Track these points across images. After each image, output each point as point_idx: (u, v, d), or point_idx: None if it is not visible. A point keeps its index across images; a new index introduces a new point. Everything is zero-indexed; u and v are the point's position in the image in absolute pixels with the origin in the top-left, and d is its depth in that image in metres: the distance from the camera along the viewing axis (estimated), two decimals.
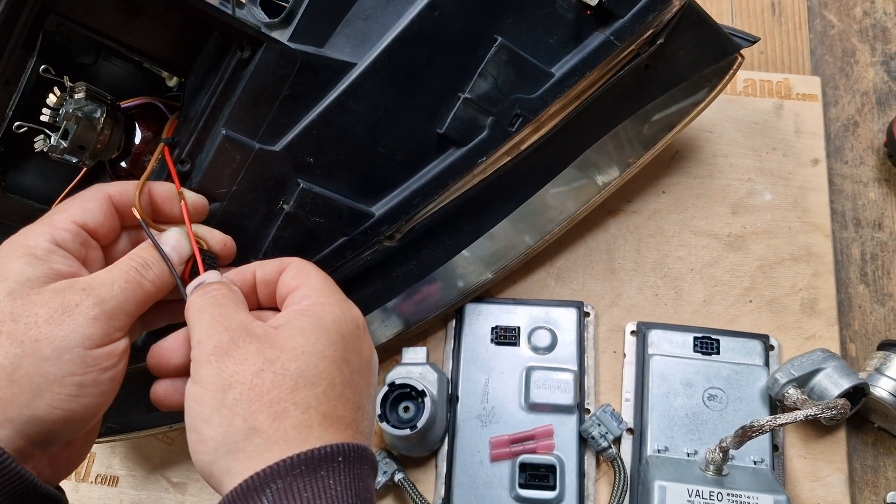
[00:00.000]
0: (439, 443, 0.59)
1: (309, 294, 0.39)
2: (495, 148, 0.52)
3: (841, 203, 0.69)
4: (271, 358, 0.35)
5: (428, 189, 0.52)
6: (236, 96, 0.46)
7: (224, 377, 0.34)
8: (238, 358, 0.34)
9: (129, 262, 0.39)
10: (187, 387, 0.35)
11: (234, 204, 0.48)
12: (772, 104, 0.71)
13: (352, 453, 0.34)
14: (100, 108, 0.46)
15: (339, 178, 0.50)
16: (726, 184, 0.68)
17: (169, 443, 0.62)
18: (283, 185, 0.49)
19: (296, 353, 0.35)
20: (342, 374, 0.36)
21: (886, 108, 0.72)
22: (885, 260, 0.66)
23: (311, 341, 0.36)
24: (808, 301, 0.64)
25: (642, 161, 0.61)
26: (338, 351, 0.36)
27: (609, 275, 0.65)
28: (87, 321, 0.35)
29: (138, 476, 0.61)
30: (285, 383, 0.34)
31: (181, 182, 0.45)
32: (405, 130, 0.50)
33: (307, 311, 0.37)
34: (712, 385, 0.59)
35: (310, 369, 0.35)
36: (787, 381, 0.57)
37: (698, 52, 0.57)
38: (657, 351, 0.61)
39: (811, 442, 0.60)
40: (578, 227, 0.67)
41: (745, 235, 0.66)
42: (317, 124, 0.48)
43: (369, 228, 0.51)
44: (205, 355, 0.35)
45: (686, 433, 0.58)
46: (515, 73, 0.50)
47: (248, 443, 0.33)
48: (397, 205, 0.52)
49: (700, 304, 0.64)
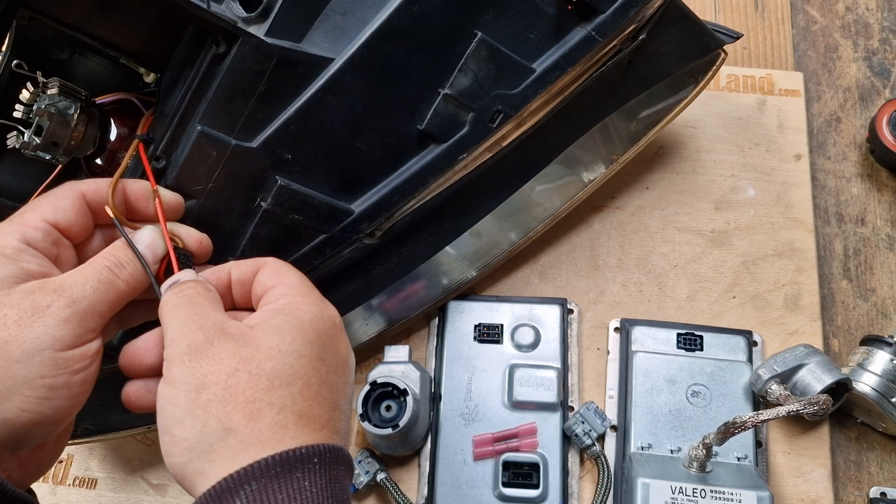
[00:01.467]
0: (422, 442, 0.59)
1: (285, 293, 0.38)
2: (476, 144, 0.51)
3: (824, 198, 0.69)
4: (247, 357, 0.34)
5: (408, 186, 0.51)
6: (212, 92, 0.45)
7: (198, 377, 0.33)
8: (212, 357, 0.34)
9: (102, 262, 0.38)
10: (160, 387, 0.35)
11: (210, 201, 0.47)
12: (755, 100, 0.71)
13: (327, 454, 0.33)
14: (74, 104, 0.45)
15: (318, 175, 0.49)
16: (710, 180, 0.68)
17: (149, 444, 0.61)
18: (261, 182, 0.48)
19: (272, 352, 0.34)
20: (318, 374, 0.35)
21: (869, 103, 0.72)
22: (867, 255, 0.66)
23: (288, 340, 0.35)
24: (791, 297, 0.64)
25: (626, 158, 0.61)
26: (314, 350, 0.36)
27: (593, 271, 0.65)
28: (57, 323, 0.35)
29: (117, 478, 0.60)
30: (261, 383, 0.33)
31: (156, 179, 0.45)
32: (384, 126, 0.50)
33: (283, 310, 0.37)
34: (696, 381, 0.59)
35: (286, 368, 0.34)
36: (770, 377, 0.56)
37: (681, 47, 0.57)
38: (641, 347, 0.61)
39: (795, 438, 0.60)
40: (562, 223, 0.66)
41: (729, 231, 0.66)
42: (294, 120, 0.47)
43: (349, 226, 0.51)
44: (178, 354, 0.34)
45: (669, 430, 0.58)
46: (496, 68, 0.50)
47: (222, 444, 0.32)
48: (377, 202, 0.51)
49: (684, 301, 0.64)
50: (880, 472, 0.60)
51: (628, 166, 0.68)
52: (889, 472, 0.60)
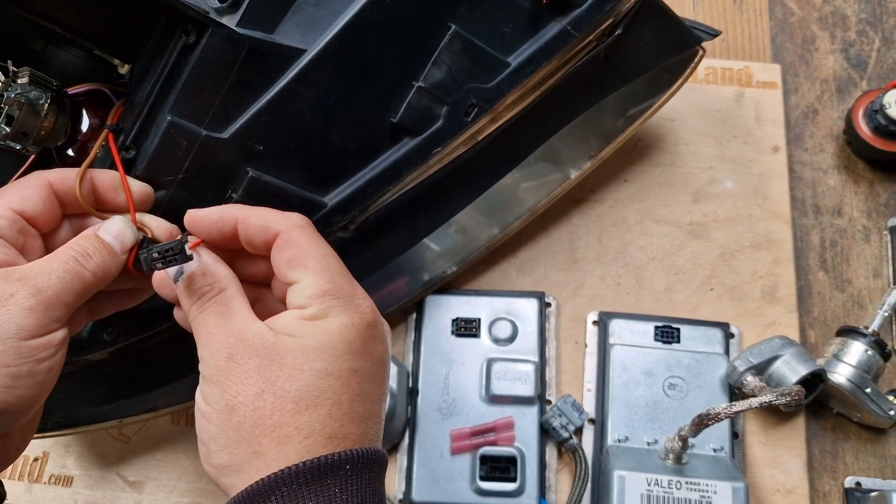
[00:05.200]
0: (399, 436, 0.59)
1: (313, 295, 0.36)
2: (450, 138, 0.51)
3: (801, 190, 0.69)
4: (271, 377, 0.34)
5: (382, 179, 0.50)
6: (182, 82, 0.44)
7: (227, 397, 0.34)
8: (239, 377, 0.34)
9: (69, 252, 0.38)
10: (197, 398, 0.36)
11: (181, 192, 0.46)
12: (733, 92, 0.71)
13: (360, 460, 0.33)
14: (44, 93, 0.44)
15: (290, 167, 0.49)
16: (688, 172, 0.68)
17: (125, 441, 0.61)
18: (232, 173, 0.47)
19: (296, 372, 0.34)
20: (349, 389, 0.34)
21: (846, 95, 0.72)
22: (843, 247, 0.67)
23: (312, 358, 0.34)
24: (768, 288, 0.64)
25: (604, 154, 0.61)
26: (343, 364, 0.35)
27: (571, 265, 0.65)
28: (21, 311, 0.34)
29: (94, 475, 0.60)
30: (286, 406, 0.33)
31: (126, 170, 0.44)
32: (357, 119, 0.49)
33: (310, 324, 0.35)
34: (673, 374, 0.59)
35: (311, 389, 0.34)
36: (746, 369, 0.57)
37: (658, 43, 0.56)
38: (618, 340, 0.61)
39: (771, 429, 0.60)
40: (540, 217, 0.66)
41: (707, 223, 0.66)
42: (266, 111, 0.46)
43: (322, 219, 0.50)
44: (209, 374, 0.35)
45: (646, 422, 0.58)
46: (470, 61, 0.49)
47: (251, 465, 0.33)
48: (350, 195, 0.50)
49: (661, 293, 0.64)
50: (855, 461, 0.60)
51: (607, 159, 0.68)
52: (864, 461, 0.60)
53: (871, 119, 0.67)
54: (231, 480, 0.33)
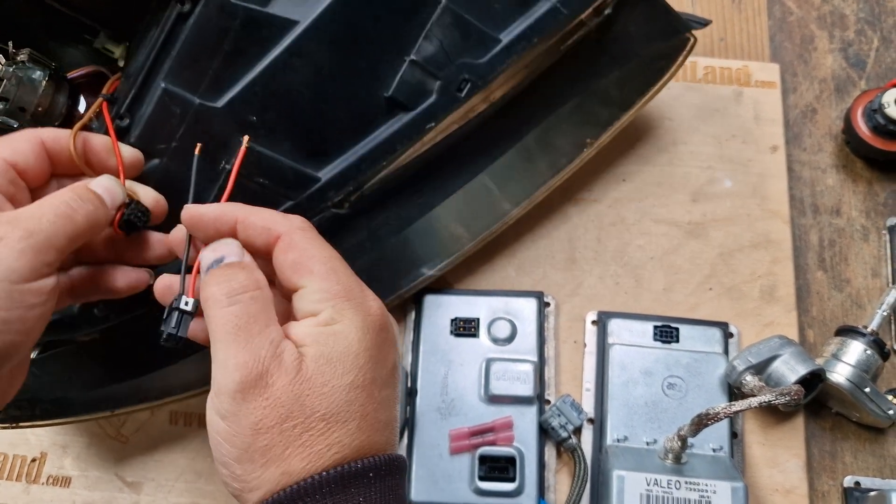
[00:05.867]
0: (398, 437, 0.59)
1: (323, 299, 0.35)
2: (444, 113, 0.51)
3: (799, 189, 0.69)
4: (300, 396, 0.33)
5: (376, 154, 0.51)
6: (176, 50, 0.45)
7: (253, 419, 0.32)
8: (267, 398, 0.32)
9: (60, 197, 0.37)
10: (211, 418, 0.34)
11: (174, 162, 0.47)
12: (731, 91, 0.71)
13: (383, 467, 0.33)
14: (42, 71, 0.46)
15: (284, 140, 0.49)
16: (686, 171, 0.68)
17: (123, 441, 0.61)
18: (225, 144, 0.47)
19: (324, 389, 0.33)
20: (373, 399, 0.34)
21: (844, 94, 0.72)
22: (842, 246, 0.67)
23: (339, 372, 0.33)
24: (766, 288, 0.64)
25: (600, 142, 0.60)
26: (366, 374, 0.34)
27: (570, 264, 0.65)
28: (12, 254, 0.34)
29: (91, 476, 0.60)
30: (317, 426, 0.32)
31: (120, 138, 0.45)
32: (351, 92, 0.49)
33: (328, 331, 0.34)
34: (672, 373, 0.59)
35: (341, 405, 0.33)
36: (745, 369, 0.57)
37: (648, 27, 0.57)
38: (617, 340, 0.61)
39: (770, 428, 0.60)
40: (539, 216, 0.66)
41: (705, 223, 0.66)
42: (259, 82, 0.47)
43: (316, 193, 0.50)
44: (232, 387, 0.33)
45: (645, 422, 0.58)
46: (461, 36, 0.50)
47: (278, 485, 0.32)
48: (345, 170, 0.50)
49: (660, 293, 0.64)
50: (854, 461, 0.60)
51: (605, 158, 0.68)
52: (863, 461, 0.60)
53: (870, 118, 0.66)
54: (256, 497, 0.33)
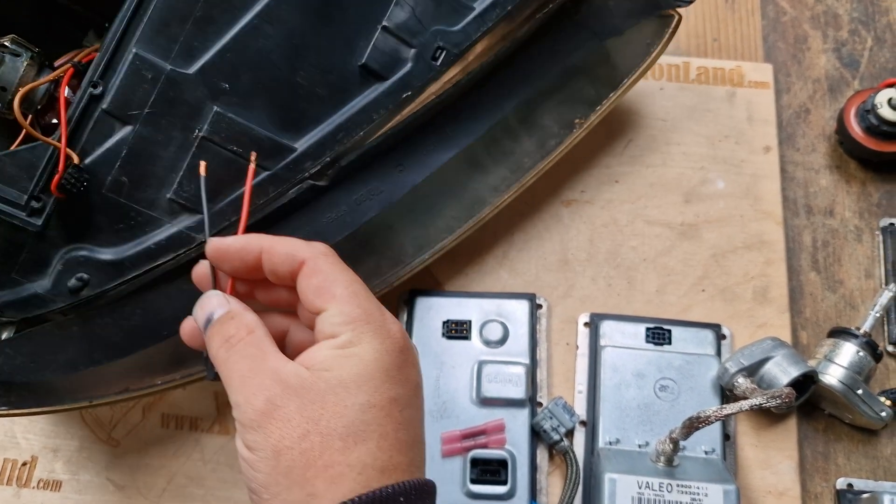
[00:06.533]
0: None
1: (343, 322, 0.35)
2: (420, 82, 0.51)
3: (793, 190, 0.69)
4: (314, 417, 0.33)
5: (352, 124, 0.51)
6: (147, 16, 0.46)
7: (272, 442, 0.33)
8: (281, 420, 0.33)
9: None
10: (239, 448, 0.34)
11: (147, 129, 0.47)
12: (724, 92, 0.71)
13: (413, 491, 0.33)
14: (25, 52, 0.47)
15: (258, 108, 0.49)
16: (679, 172, 0.68)
17: (114, 445, 0.61)
18: (198, 110, 0.48)
19: (338, 408, 0.33)
20: (392, 419, 0.34)
21: (838, 94, 0.72)
22: (835, 247, 0.67)
23: (353, 392, 0.33)
24: (760, 289, 0.64)
25: (589, 123, 0.60)
26: (384, 394, 0.34)
27: (562, 266, 0.65)
28: None
29: (82, 480, 0.60)
30: (335, 444, 0.32)
31: (92, 106, 0.46)
32: (325, 60, 0.49)
33: (344, 353, 0.35)
34: (664, 376, 0.59)
35: (357, 425, 0.33)
36: (737, 371, 0.56)
37: (629, 3, 0.57)
38: (609, 342, 0.61)
39: (762, 430, 0.60)
40: (531, 217, 0.66)
41: (698, 224, 0.66)
42: (231, 48, 0.47)
43: (292, 163, 0.50)
44: (248, 421, 0.34)
45: (638, 424, 0.58)
46: (433, 3, 0.50)
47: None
48: (321, 140, 0.50)
49: (653, 294, 0.64)
50: (847, 463, 0.60)
51: (598, 159, 0.68)
52: (856, 463, 0.60)
53: (863, 119, 0.66)
54: None
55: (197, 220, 0.49)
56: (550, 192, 0.67)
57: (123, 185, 0.47)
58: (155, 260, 0.49)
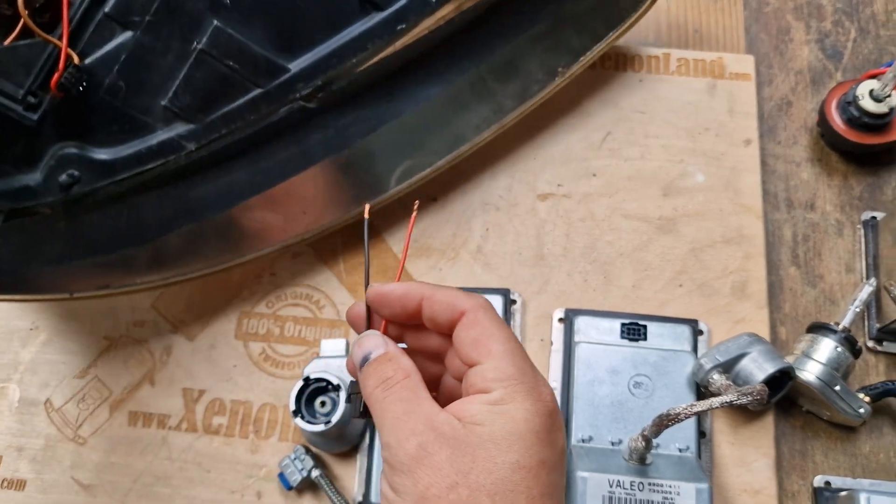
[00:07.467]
0: (359, 437, 0.58)
1: (497, 378, 0.35)
2: (415, 16, 0.52)
3: (773, 184, 0.67)
4: (464, 470, 0.33)
5: (346, 51, 0.52)
6: None
7: (420, 489, 0.33)
8: (430, 467, 0.33)
9: None
10: (383, 487, 0.35)
11: (147, 36, 0.48)
12: (705, 84, 0.69)
13: None
14: None
15: (256, 27, 0.50)
16: (658, 165, 0.67)
17: (81, 443, 0.60)
18: (198, 23, 0.49)
19: (488, 465, 0.33)
20: (539, 482, 0.34)
21: (820, 86, 0.71)
22: (816, 241, 0.65)
23: (504, 450, 0.33)
24: (738, 284, 0.63)
25: (572, 72, 0.60)
26: (534, 456, 0.34)
27: (538, 261, 0.64)
28: None
29: (47, 480, 0.59)
30: (481, 500, 0.32)
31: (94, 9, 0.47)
32: None
33: (497, 409, 0.34)
34: (639, 372, 0.58)
35: (506, 483, 0.33)
36: (712, 367, 0.55)
37: None
38: (583, 338, 0.59)
39: (739, 427, 0.59)
40: (507, 211, 0.65)
41: (677, 218, 0.65)
42: None
43: (285, 84, 0.51)
44: (398, 463, 0.34)
45: (611, 422, 0.57)
46: None
47: None
48: (315, 63, 0.51)
49: (630, 290, 0.63)
50: (825, 460, 0.59)
51: (576, 152, 0.67)
52: (834, 460, 0.59)
53: (845, 111, 0.65)
54: None
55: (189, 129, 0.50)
56: (526, 185, 0.66)
57: (120, 89, 0.49)
58: (145, 164, 0.50)
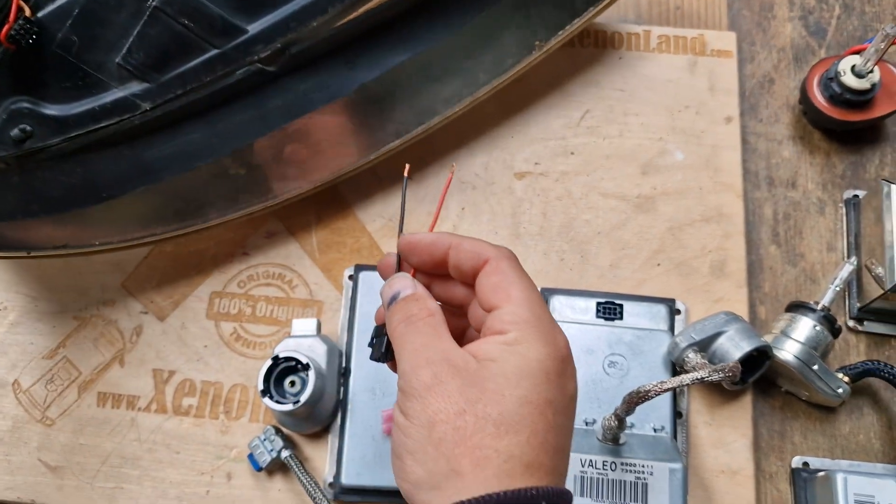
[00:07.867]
0: (330, 418, 0.57)
1: (513, 321, 0.36)
2: None
3: (754, 162, 0.66)
4: (472, 399, 0.34)
5: (306, 14, 0.51)
6: None
7: (429, 413, 0.34)
8: (441, 394, 0.34)
9: None
10: (395, 413, 0.36)
11: None
12: (686, 61, 0.68)
13: (554, 498, 0.33)
14: None
15: None
16: (637, 144, 0.66)
17: (49, 424, 0.59)
18: None
19: (496, 396, 0.34)
20: (545, 419, 0.34)
21: (803, 63, 0.70)
22: (797, 219, 0.64)
23: (513, 384, 0.34)
24: (717, 263, 0.62)
25: (549, 46, 0.59)
26: (541, 394, 0.35)
27: (514, 239, 0.63)
28: None
29: (13, 461, 0.58)
30: (487, 428, 0.33)
31: None
32: None
33: (510, 349, 0.35)
34: (614, 351, 0.57)
35: (512, 415, 0.34)
36: (688, 346, 0.54)
37: None
38: (559, 317, 0.59)
39: (716, 408, 0.58)
40: (483, 189, 0.64)
41: (655, 196, 0.64)
42: None
43: (242, 45, 0.51)
44: (410, 389, 0.35)
45: (586, 402, 0.56)
46: None
47: (448, 483, 0.33)
48: (274, 25, 0.51)
49: (606, 269, 0.62)
50: (804, 441, 0.58)
51: (553, 131, 0.66)
52: (813, 441, 0.58)
53: (827, 87, 0.64)
54: (427, 497, 0.33)
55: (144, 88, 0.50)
56: (503, 163, 0.65)
57: (73, 44, 0.48)
58: (99, 121, 0.50)
